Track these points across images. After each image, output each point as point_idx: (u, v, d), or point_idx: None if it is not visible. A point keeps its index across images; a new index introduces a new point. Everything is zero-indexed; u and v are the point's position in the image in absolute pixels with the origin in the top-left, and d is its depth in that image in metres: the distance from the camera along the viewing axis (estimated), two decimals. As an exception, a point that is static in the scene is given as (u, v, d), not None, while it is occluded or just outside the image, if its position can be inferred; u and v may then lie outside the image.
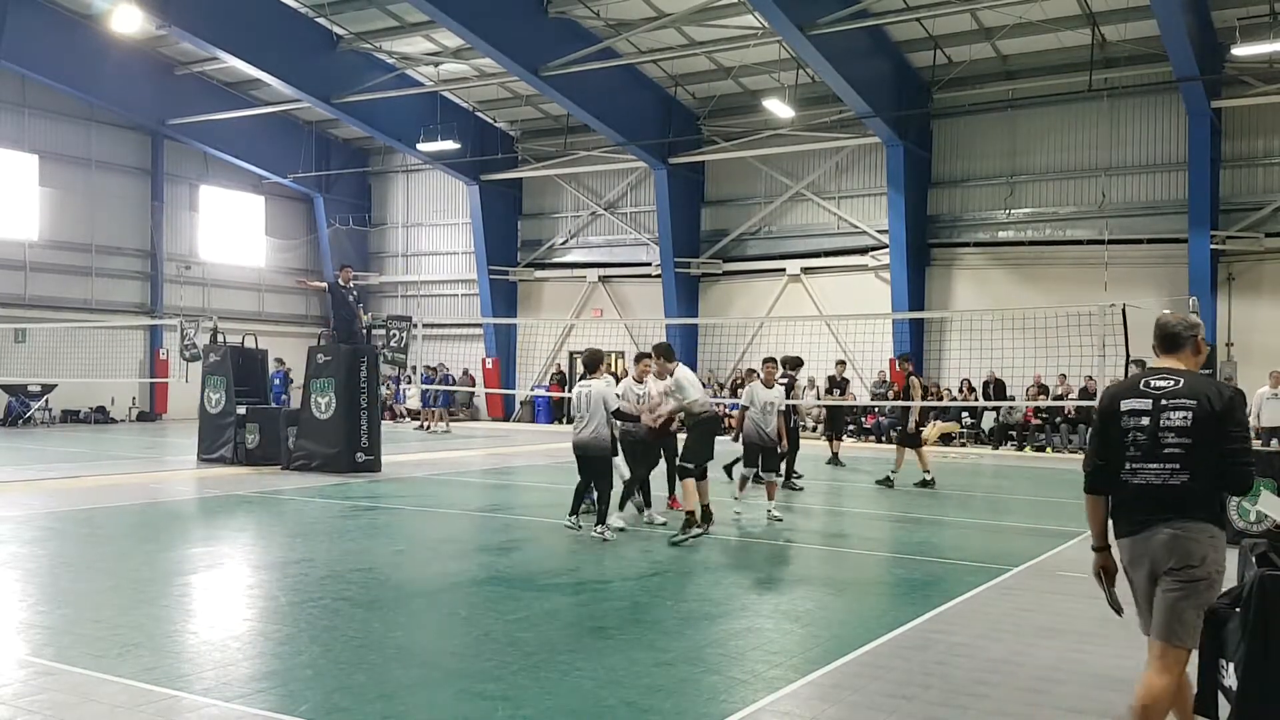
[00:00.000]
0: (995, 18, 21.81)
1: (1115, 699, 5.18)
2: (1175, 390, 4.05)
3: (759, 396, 11.09)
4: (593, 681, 5.33)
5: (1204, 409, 3.98)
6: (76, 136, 28.83)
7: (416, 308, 32.13)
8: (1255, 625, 3.76)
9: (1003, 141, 25.14)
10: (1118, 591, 4.30)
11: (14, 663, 5.58)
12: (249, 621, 6.66)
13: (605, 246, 30.89)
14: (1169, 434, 4.00)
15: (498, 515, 11.49)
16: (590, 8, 22.80)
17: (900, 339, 24.83)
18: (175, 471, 16.00)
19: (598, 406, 9.65)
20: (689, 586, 7.78)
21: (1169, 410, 4.02)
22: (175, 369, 22.10)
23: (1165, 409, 4.03)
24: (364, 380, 15.67)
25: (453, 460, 18.68)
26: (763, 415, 11.08)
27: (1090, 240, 23.74)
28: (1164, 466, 4.00)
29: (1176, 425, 4.00)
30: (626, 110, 26.24)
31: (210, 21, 23.18)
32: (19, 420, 25.96)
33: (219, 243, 32.51)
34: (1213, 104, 21.65)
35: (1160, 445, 4.00)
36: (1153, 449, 4.02)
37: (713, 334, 28.46)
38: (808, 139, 26.21)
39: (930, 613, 6.90)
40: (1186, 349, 4.24)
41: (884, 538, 10.82)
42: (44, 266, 28.03)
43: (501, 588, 7.64)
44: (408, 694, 5.13)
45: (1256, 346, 21.91)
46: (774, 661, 5.81)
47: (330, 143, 33.39)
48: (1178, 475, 3.98)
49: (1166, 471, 3.99)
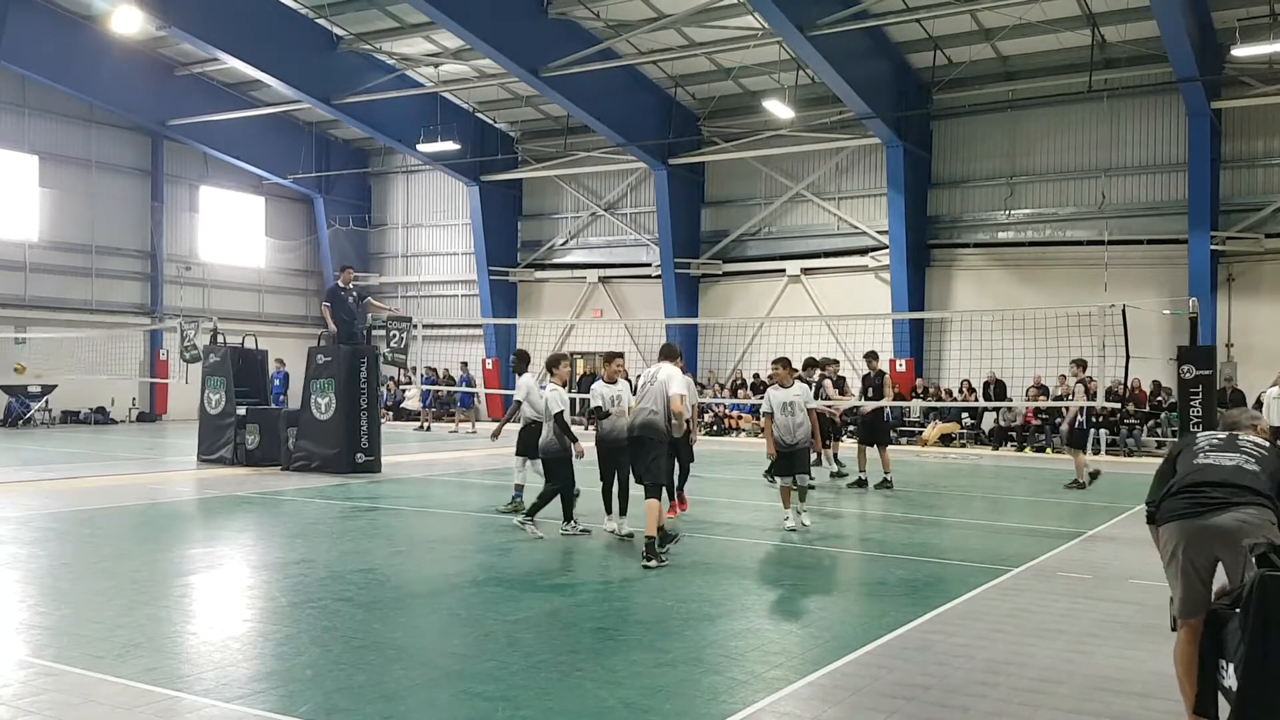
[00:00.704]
0: (995, 19, 21.82)
1: (1115, 699, 5.18)
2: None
3: (775, 399, 10.45)
4: (593, 682, 5.33)
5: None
6: (76, 137, 28.83)
7: (417, 308, 32.17)
8: (1255, 625, 3.76)
9: (1003, 142, 25.14)
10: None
11: (14, 663, 5.57)
12: (249, 622, 6.66)
13: (605, 247, 30.90)
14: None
15: (498, 516, 11.48)
16: (590, 8, 22.80)
17: (900, 339, 24.85)
18: (175, 472, 15.99)
19: (546, 409, 9.81)
20: (689, 587, 7.78)
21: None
22: (175, 370, 22.09)
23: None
24: (364, 381, 15.67)
25: (453, 461, 18.69)
26: (786, 417, 10.36)
27: (1090, 241, 23.75)
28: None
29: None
30: (626, 111, 26.25)
31: (210, 22, 23.18)
32: (19, 421, 25.98)
33: (219, 243, 32.52)
34: (1213, 104, 21.66)
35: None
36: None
37: (713, 335, 28.47)
38: (808, 140, 26.22)
39: (930, 613, 6.90)
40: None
41: (884, 538, 10.81)
42: (44, 267, 28.04)
43: (501, 588, 7.64)
44: (408, 695, 5.13)
45: (1256, 347, 21.93)
46: (774, 662, 5.81)
47: (330, 143, 33.40)
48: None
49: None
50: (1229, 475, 4.34)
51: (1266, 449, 4.51)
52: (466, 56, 25.72)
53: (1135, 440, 22.01)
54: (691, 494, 12.32)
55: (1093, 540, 10.15)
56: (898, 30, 22.97)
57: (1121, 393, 18.97)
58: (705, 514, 11.80)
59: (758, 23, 21.43)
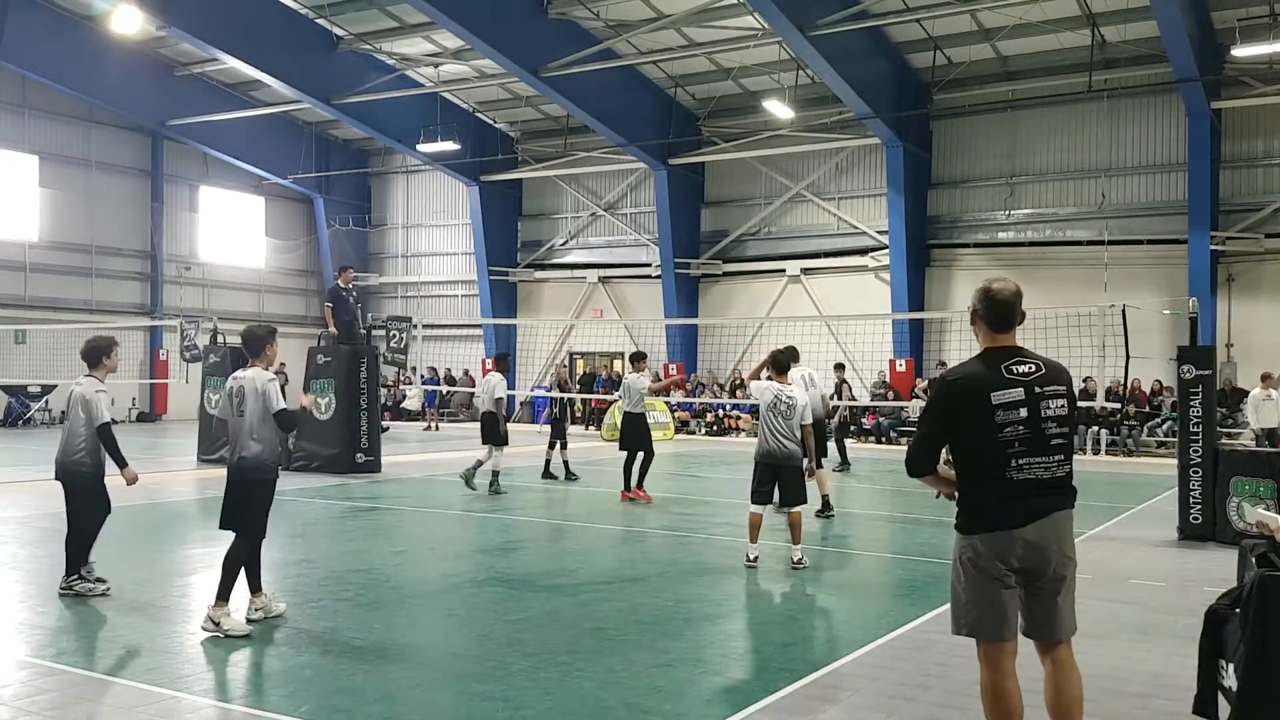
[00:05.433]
0: (995, 19, 21.82)
1: (1115, 700, 5.18)
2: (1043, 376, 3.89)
3: (763, 395, 8.60)
4: (593, 682, 5.33)
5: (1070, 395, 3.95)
6: (76, 137, 28.83)
7: (416, 309, 32.15)
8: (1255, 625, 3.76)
9: (1003, 142, 25.14)
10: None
11: (14, 663, 5.58)
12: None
13: (605, 247, 30.89)
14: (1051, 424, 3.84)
15: (497, 516, 11.50)
16: (590, 9, 22.80)
17: (900, 340, 24.86)
18: (175, 472, 15.99)
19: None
20: (689, 587, 7.78)
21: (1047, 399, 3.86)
22: (175, 370, 22.11)
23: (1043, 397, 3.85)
24: (364, 381, 15.67)
25: (452, 461, 18.67)
26: (776, 418, 8.47)
27: (1090, 241, 23.75)
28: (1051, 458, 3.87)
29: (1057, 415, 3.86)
30: (626, 111, 26.25)
31: (210, 22, 23.18)
32: (19, 421, 25.98)
33: (219, 243, 32.51)
34: (1212, 105, 21.66)
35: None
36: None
37: (712, 335, 28.47)
38: (808, 140, 26.22)
39: (930, 613, 6.89)
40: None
41: (884, 538, 10.82)
42: (44, 267, 28.04)
43: (501, 588, 7.64)
44: (408, 695, 5.13)
45: (1256, 347, 21.92)
46: (774, 662, 5.81)
47: (330, 143, 33.40)
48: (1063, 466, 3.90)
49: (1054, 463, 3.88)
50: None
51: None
52: (466, 56, 25.72)
53: (1135, 440, 22.01)
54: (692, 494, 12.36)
55: (1093, 540, 10.15)
56: (898, 30, 22.97)
57: (1121, 393, 18.96)
58: (705, 514, 11.81)
59: (758, 23, 21.43)
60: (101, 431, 7.00)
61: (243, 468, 6.38)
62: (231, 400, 6.49)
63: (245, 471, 6.38)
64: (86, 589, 7.08)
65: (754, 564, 8.49)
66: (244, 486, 6.40)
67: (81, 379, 7.20)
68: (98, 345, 7.26)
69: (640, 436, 12.75)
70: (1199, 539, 10.04)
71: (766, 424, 8.50)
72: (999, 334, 3.96)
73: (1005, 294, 3.95)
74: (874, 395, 22.90)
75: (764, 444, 8.50)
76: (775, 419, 8.45)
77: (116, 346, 7.38)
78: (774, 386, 8.60)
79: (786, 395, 8.51)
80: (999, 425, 3.78)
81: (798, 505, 8.51)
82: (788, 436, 8.44)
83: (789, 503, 8.54)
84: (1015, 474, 3.79)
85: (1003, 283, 3.99)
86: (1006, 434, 3.77)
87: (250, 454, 6.37)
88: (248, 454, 6.37)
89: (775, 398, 8.50)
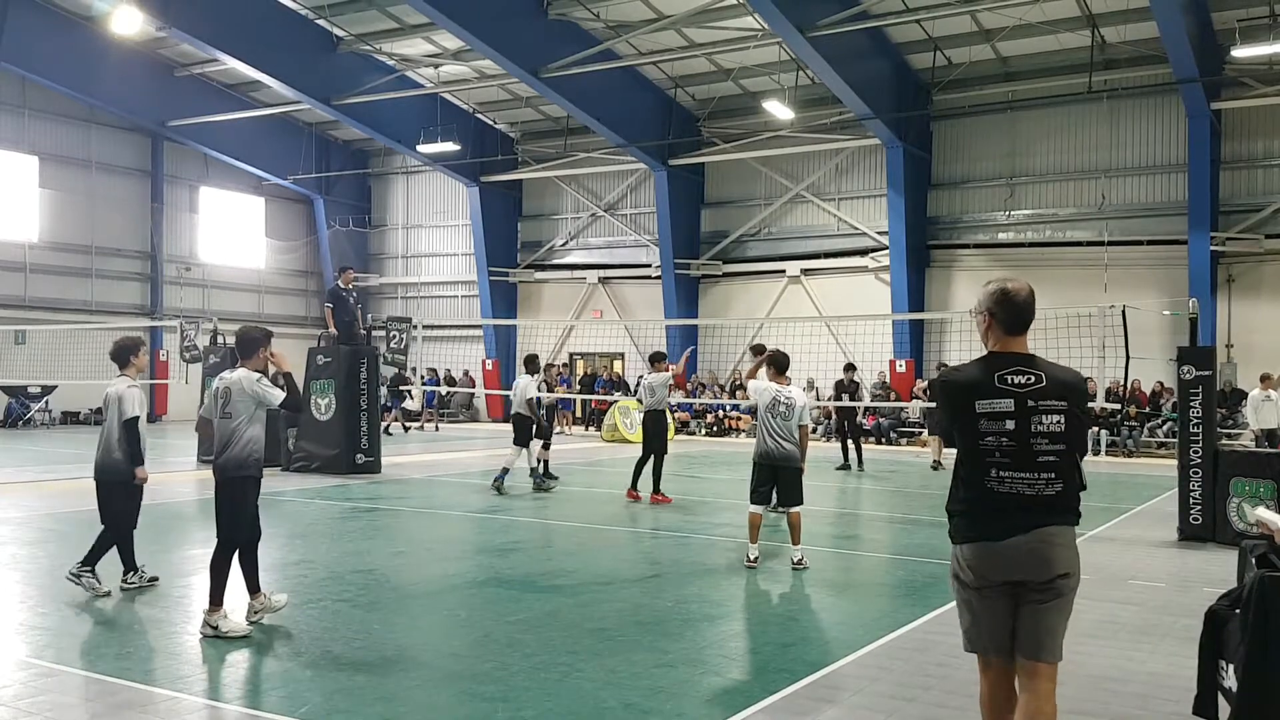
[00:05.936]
0: (995, 19, 21.82)
1: (1115, 700, 5.18)
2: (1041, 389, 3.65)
3: (762, 396, 8.60)
4: (593, 683, 5.33)
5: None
6: (76, 138, 28.84)
7: (416, 309, 32.16)
8: (1255, 626, 3.76)
9: (1003, 143, 25.14)
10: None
11: (14, 664, 5.58)
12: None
13: (605, 248, 30.89)
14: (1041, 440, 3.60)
15: (497, 516, 11.50)
16: (590, 9, 22.80)
17: (900, 340, 24.86)
18: (175, 473, 15.98)
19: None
20: (689, 587, 7.78)
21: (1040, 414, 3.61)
22: (175, 370, 22.07)
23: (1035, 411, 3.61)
24: (364, 382, 15.67)
25: (452, 462, 18.70)
26: (774, 419, 8.51)
27: (1090, 242, 23.76)
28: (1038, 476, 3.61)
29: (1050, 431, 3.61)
30: (626, 112, 26.25)
31: (210, 23, 23.17)
32: (19, 421, 25.97)
33: (219, 244, 32.51)
34: (1212, 105, 21.66)
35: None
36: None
37: (712, 335, 28.46)
38: (808, 141, 26.22)
39: (930, 614, 6.89)
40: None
41: (884, 539, 10.81)
42: (44, 268, 28.05)
43: (501, 589, 7.64)
44: (408, 695, 5.13)
45: (1256, 348, 21.92)
46: (774, 663, 5.81)
47: (330, 144, 33.40)
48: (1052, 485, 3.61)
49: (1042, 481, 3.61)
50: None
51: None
52: (466, 57, 25.73)
53: (1135, 441, 22.01)
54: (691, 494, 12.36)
55: (1093, 540, 10.15)
56: (898, 31, 22.98)
57: (1122, 394, 18.96)
58: (705, 514, 11.81)
59: (758, 24, 21.43)
60: (127, 425, 7.22)
61: (226, 467, 6.43)
62: (217, 401, 6.57)
63: (229, 470, 6.42)
64: (90, 585, 7.11)
65: (754, 564, 8.54)
66: (228, 486, 6.43)
67: (114, 380, 7.39)
68: (125, 346, 7.47)
69: (658, 433, 12.85)
70: (1199, 539, 10.04)
71: (765, 425, 8.54)
72: (1012, 336, 3.84)
73: (1023, 295, 3.85)
74: (874, 396, 22.89)
75: (762, 444, 8.56)
76: (773, 420, 8.49)
77: (143, 346, 7.63)
78: (773, 387, 8.61)
79: (785, 396, 8.52)
80: (981, 434, 3.63)
81: (796, 505, 8.55)
82: (786, 437, 8.48)
83: (787, 503, 8.59)
84: (996, 485, 3.62)
85: (1018, 283, 3.90)
86: (988, 443, 3.61)
87: (234, 454, 6.41)
88: (232, 454, 6.41)
89: (774, 399, 8.52)
